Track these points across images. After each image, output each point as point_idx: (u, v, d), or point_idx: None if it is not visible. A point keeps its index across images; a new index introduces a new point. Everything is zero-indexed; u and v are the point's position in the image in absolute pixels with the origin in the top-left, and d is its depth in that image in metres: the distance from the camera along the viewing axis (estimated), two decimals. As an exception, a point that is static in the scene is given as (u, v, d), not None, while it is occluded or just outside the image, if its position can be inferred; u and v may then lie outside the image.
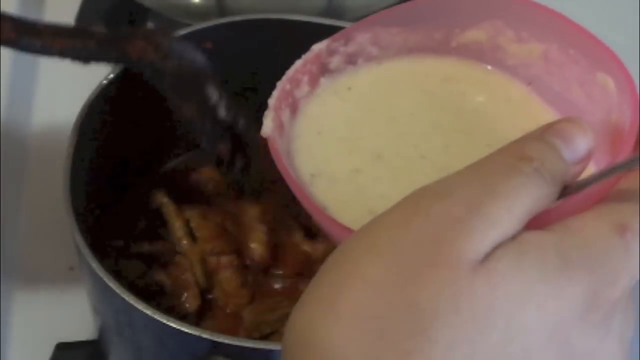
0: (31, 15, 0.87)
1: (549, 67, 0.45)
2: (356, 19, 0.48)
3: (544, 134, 0.35)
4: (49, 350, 0.65)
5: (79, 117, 0.60)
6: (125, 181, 0.67)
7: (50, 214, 0.67)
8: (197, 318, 0.61)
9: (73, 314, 0.67)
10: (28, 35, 0.54)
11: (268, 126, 0.43)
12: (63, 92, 0.77)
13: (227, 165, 0.59)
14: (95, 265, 0.53)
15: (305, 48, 0.47)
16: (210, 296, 0.62)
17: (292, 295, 0.62)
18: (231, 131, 0.57)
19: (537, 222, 0.33)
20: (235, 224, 0.64)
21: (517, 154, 0.33)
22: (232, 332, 0.59)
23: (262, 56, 0.68)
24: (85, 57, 0.56)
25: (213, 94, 0.56)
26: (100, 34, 0.55)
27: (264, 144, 0.55)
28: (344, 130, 0.45)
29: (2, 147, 0.75)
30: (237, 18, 0.68)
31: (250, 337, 0.58)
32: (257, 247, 0.63)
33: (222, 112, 0.57)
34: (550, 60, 0.45)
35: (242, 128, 0.58)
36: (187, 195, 0.67)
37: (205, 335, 0.50)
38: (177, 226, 0.64)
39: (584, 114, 0.43)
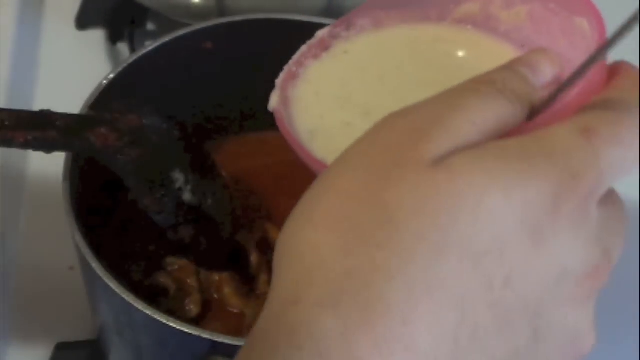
0: (31, 15, 0.88)
1: (536, 26, 0.46)
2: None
3: (511, 64, 0.36)
4: (49, 350, 0.65)
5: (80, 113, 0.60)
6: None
7: (50, 214, 0.67)
8: (199, 318, 0.61)
9: (73, 314, 0.67)
10: None
11: (274, 101, 0.46)
12: (63, 92, 0.77)
13: (191, 247, 0.59)
14: (95, 265, 0.53)
15: (305, 48, 0.48)
16: (216, 296, 0.62)
17: None
18: (197, 212, 0.57)
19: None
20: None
21: (482, 80, 0.35)
22: (235, 332, 0.59)
23: (262, 56, 0.68)
24: (48, 147, 0.55)
25: (179, 178, 0.56)
26: (62, 123, 0.54)
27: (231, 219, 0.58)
28: (338, 89, 0.47)
29: (3, 147, 0.75)
30: (237, 18, 0.68)
31: None
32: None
33: (188, 196, 0.56)
34: (536, 19, 0.46)
35: (209, 208, 0.58)
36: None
37: (205, 335, 0.50)
38: None
39: (569, 62, 0.44)
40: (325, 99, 0.47)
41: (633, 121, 0.34)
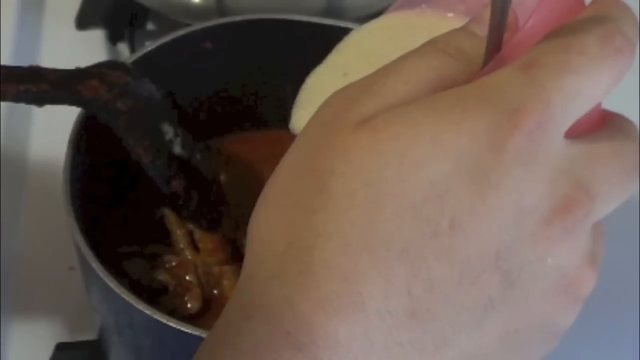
0: (31, 15, 0.88)
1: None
2: (356, 19, 0.49)
3: (462, 25, 0.36)
4: (48, 350, 0.65)
5: (79, 116, 0.60)
6: (126, 181, 0.67)
7: (50, 214, 0.67)
8: (199, 316, 0.61)
9: (73, 314, 0.67)
10: None
11: (300, 122, 0.45)
12: (63, 92, 0.77)
13: (183, 201, 0.59)
14: (95, 265, 0.53)
15: (305, 48, 0.47)
16: (215, 291, 0.62)
17: None
18: (187, 167, 0.58)
19: None
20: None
21: (423, 43, 0.35)
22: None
23: (262, 56, 0.68)
24: (39, 100, 0.56)
25: (168, 130, 0.57)
26: (53, 75, 0.55)
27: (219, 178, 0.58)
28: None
29: (3, 147, 0.75)
30: (237, 18, 0.68)
31: None
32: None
33: (178, 149, 0.57)
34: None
35: (198, 162, 0.59)
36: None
37: (205, 335, 0.50)
38: (179, 237, 0.64)
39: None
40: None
41: (584, 45, 0.32)
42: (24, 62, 0.82)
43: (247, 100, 0.71)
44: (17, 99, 0.55)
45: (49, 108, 0.80)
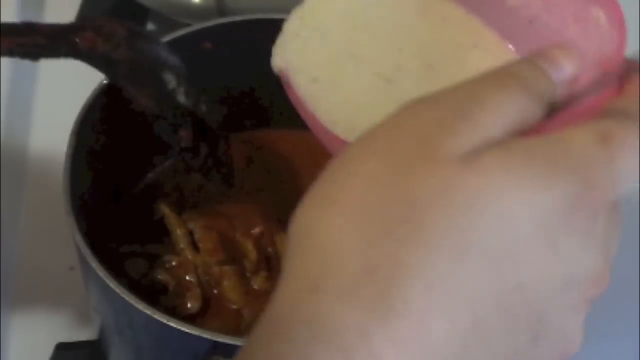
0: (31, 15, 0.88)
1: (547, 5, 0.46)
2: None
3: (532, 57, 0.36)
4: (48, 350, 0.65)
5: (79, 116, 0.60)
6: (126, 181, 0.67)
7: (50, 214, 0.67)
8: (199, 316, 0.61)
9: (73, 314, 0.67)
10: None
11: (279, 61, 0.46)
12: (63, 92, 0.77)
13: (192, 152, 0.59)
14: (95, 265, 0.53)
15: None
16: (215, 291, 0.62)
17: None
18: (193, 117, 0.57)
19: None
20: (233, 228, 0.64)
21: (505, 72, 0.35)
22: (234, 330, 0.59)
23: (262, 56, 0.68)
24: (34, 54, 0.55)
25: (171, 79, 0.56)
26: (47, 28, 0.55)
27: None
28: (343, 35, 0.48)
29: (2, 147, 0.75)
30: (237, 18, 0.68)
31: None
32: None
33: (182, 98, 0.56)
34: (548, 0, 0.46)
35: (204, 112, 0.57)
36: (189, 194, 0.67)
37: (205, 335, 0.50)
38: (179, 237, 0.63)
39: (579, 49, 0.44)
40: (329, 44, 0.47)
41: None
42: (24, 62, 0.83)
43: (247, 100, 0.71)
44: (12, 53, 0.54)
45: (49, 107, 0.80)
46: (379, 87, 0.45)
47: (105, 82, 0.63)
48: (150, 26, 0.87)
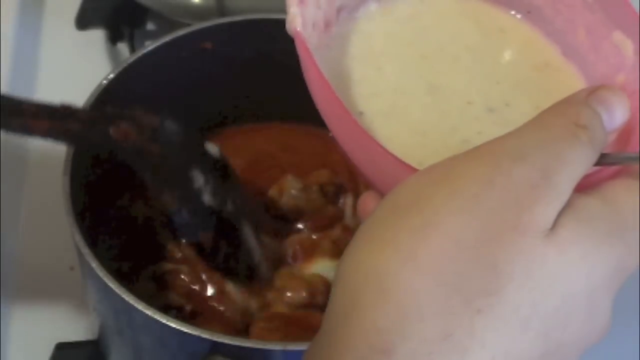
0: (31, 15, 0.88)
1: (557, 4, 0.45)
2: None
3: (589, 100, 0.37)
4: (48, 350, 0.65)
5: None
6: (125, 180, 0.67)
7: (50, 214, 0.67)
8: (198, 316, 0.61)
9: (73, 314, 0.67)
10: (10, 115, 0.54)
11: (297, 21, 0.40)
12: (63, 92, 0.77)
13: (210, 251, 0.59)
14: (95, 265, 0.53)
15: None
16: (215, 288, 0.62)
17: None
18: (218, 215, 0.57)
19: (576, 186, 0.35)
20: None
21: (574, 120, 0.35)
22: (235, 331, 0.60)
23: (262, 56, 0.68)
24: (69, 139, 0.56)
25: (198, 178, 0.55)
26: (83, 115, 0.55)
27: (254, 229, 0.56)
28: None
29: (3, 147, 0.75)
30: (237, 18, 0.68)
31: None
32: None
33: (207, 198, 0.56)
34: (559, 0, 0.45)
35: (230, 214, 0.57)
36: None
37: (205, 335, 0.50)
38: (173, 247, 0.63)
39: (583, 60, 0.44)
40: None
41: None
42: (24, 62, 0.83)
43: (246, 100, 0.71)
44: (46, 135, 0.54)
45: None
46: (474, 115, 0.43)
47: (105, 82, 0.63)
48: (150, 26, 0.87)
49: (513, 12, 0.46)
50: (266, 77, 0.69)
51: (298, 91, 0.41)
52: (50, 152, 0.60)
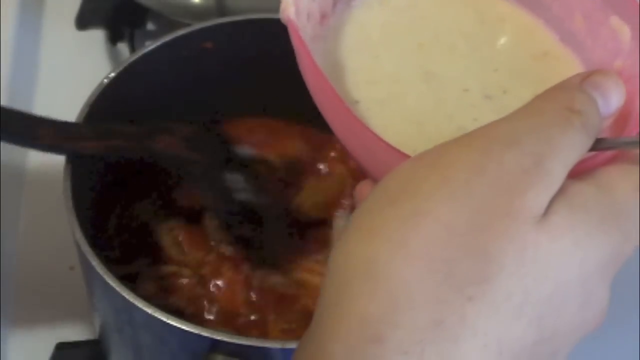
0: (31, 15, 0.88)
1: None
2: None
3: (583, 85, 0.36)
4: (49, 350, 0.65)
5: (78, 117, 0.60)
6: (126, 179, 0.67)
7: (50, 214, 0.67)
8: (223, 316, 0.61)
9: (73, 314, 0.67)
10: (65, 142, 0.57)
11: (290, 10, 0.40)
12: (63, 92, 0.77)
13: (253, 245, 0.61)
14: (95, 263, 0.53)
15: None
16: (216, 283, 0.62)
17: None
18: (255, 210, 0.60)
19: (570, 171, 0.35)
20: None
21: (568, 105, 0.35)
22: (235, 330, 0.60)
23: (262, 56, 0.68)
24: (117, 154, 0.59)
25: (236, 178, 0.59)
26: (127, 132, 0.58)
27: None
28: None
29: (2, 147, 0.75)
30: (237, 18, 0.68)
31: None
32: None
33: (245, 196, 0.59)
34: None
35: (264, 208, 0.60)
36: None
37: (205, 334, 0.50)
38: (170, 247, 0.64)
39: (580, 46, 0.44)
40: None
41: None
42: (24, 62, 0.83)
43: (247, 100, 0.71)
44: (95, 153, 0.58)
45: (49, 106, 0.80)
46: (470, 102, 0.42)
47: (105, 82, 0.63)
48: (150, 26, 0.87)
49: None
50: (266, 77, 0.69)
51: (300, 91, 0.41)
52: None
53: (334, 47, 0.43)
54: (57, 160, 0.59)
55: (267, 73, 0.69)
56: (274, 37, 0.66)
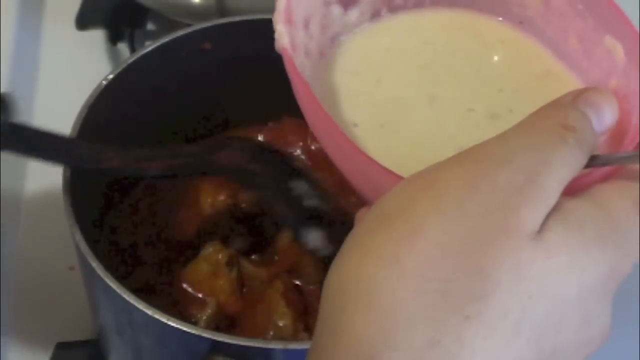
0: (31, 15, 0.88)
1: (548, 14, 0.45)
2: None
3: (577, 102, 0.36)
4: (48, 350, 0.65)
5: (78, 117, 0.60)
6: (126, 180, 0.67)
7: (50, 214, 0.67)
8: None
9: (73, 314, 0.67)
10: (131, 165, 0.58)
11: (284, 39, 0.40)
12: (63, 92, 0.77)
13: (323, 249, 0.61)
14: (95, 265, 0.53)
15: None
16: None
17: None
18: (319, 214, 0.60)
19: (566, 188, 0.35)
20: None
21: (561, 122, 0.35)
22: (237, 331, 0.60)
23: (261, 56, 0.68)
24: (182, 172, 0.60)
25: (298, 185, 0.60)
26: (191, 150, 0.60)
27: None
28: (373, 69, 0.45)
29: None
30: (237, 18, 0.68)
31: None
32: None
33: (309, 201, 0.60)
34: (551, 9, 0.45)
35: (326, 211, 0.61)
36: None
37: (205, 335, 0.50)
38: None
39: (576, 67, 0.44)
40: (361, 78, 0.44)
41: None
42: (24, 62, 0.83)
43: (246, 100, 0.71)
44: (163, 173, 0.59)
45: (49, 106, 0.80)
46: (475, 122, 0.43)
47: (105, 82, 0.63)
48: (150, 26, 0.87)
49: (507, 23, 0.46)
50: (266, 78, 0.69)
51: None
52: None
53: (334, 69, 0.44)
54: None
55: (268, 73, 0.69)
56: (274, 37, 0.67)
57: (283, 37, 0.40)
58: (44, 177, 0.74)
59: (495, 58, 0.46)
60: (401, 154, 0.41)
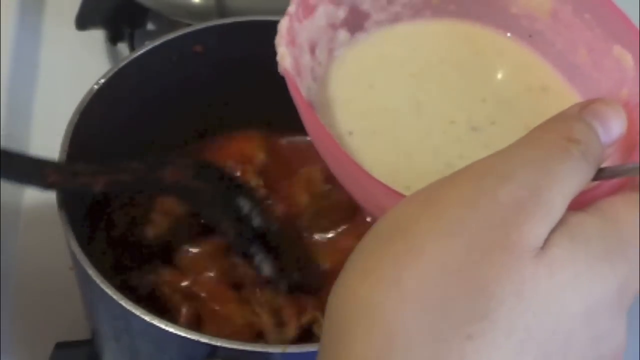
0: (31, 16, 0.88)
1: (557, 26, 0.45)
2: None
3: (582, 114, 0.36)
4: (48, 350, 0.65)
5: (72, 118, 0.60)
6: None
7: (50, 214, 0.67)
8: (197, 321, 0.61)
9: (73, 313, 0.68)
10: (71, 181, 0.58)
11: (287, 61, 0.41)
12: (63, 92, 0.77)
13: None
14: (91, 271, 0.53)
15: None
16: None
17: None
18: (265, 235, 0.61)
19: (572, 202, 0.34)
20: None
21: (566, 135, 0.34)
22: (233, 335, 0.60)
23: (261, 57, 0.68)
24: (124, 189, 0.61)
25: (244, 204, 0.60)
26: (134, 167, 0.59)
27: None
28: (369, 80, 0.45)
29: (2, 147, 0.75)
30: (237, 18, 0.68)
31: None
32: None
33: (256, 221, 0.60)
34: (559, 20, 0.44)
35: (274, 233, 0.61)
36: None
37: (203, 340, 0.50)
38: None
39: (587, 78, 0.44)
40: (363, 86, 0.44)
41: None
42: (24, 63, 0.83)
43: (246, 100, 0.71)
44: (104, 189, 0.59)
45: (49, 106, 0.80)
46: (456, 135, 0.42)
47: (103, 81, 0.62)
48: (150, 26, 0.87)
49: (514, 37, 0.46)
50: (266, 78, 0.68)
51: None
52: (50, 152, 0.60)
53: (330, 78, 0.44)
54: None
55: (267, 74, 0.68)
56: (274, 38, 0.66)
57: (285, 60, 0.40)
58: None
59: (486, 68, 0.45)
60: (393, 163, 0.40)
